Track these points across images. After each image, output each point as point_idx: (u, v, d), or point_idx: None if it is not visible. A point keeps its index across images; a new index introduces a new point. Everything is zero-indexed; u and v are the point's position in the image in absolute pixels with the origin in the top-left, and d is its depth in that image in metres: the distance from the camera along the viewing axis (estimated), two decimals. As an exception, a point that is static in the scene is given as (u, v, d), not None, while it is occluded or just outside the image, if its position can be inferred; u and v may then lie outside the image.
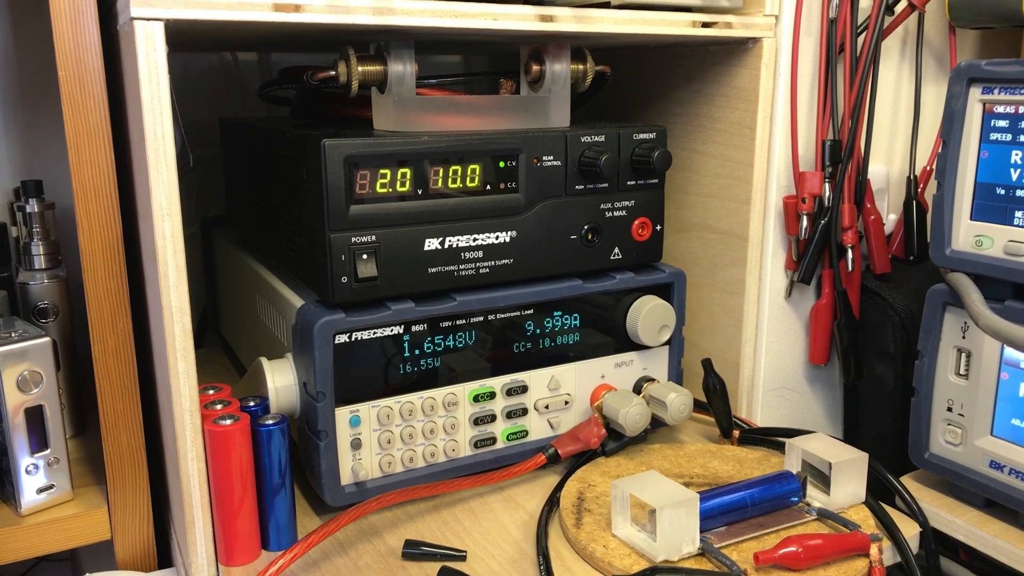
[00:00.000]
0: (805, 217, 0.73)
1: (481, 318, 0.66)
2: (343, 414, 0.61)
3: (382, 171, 0.60)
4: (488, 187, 0.64)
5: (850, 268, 0.74)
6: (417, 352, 0.63)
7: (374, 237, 0.60)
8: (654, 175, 0.70)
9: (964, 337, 0.63)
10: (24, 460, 0.61)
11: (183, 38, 0.67)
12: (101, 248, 0.60)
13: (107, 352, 0.61)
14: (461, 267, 0.64)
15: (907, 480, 0.69)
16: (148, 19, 0.49)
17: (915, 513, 0.63)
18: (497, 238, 0.65)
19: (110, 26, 0.61)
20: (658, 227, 0.72)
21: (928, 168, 0.79)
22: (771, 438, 0.72)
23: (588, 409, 0.72)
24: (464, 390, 0.66)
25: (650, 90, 0.85)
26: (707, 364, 0.72)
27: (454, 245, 0.63)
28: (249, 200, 0.80)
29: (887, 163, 0.80)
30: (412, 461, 0.65)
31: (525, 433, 0.69)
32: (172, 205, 0.52)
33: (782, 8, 0.71)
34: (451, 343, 0.65)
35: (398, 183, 0.61)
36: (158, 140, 0.51)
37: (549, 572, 0.56)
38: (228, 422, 0.56)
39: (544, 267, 0.67)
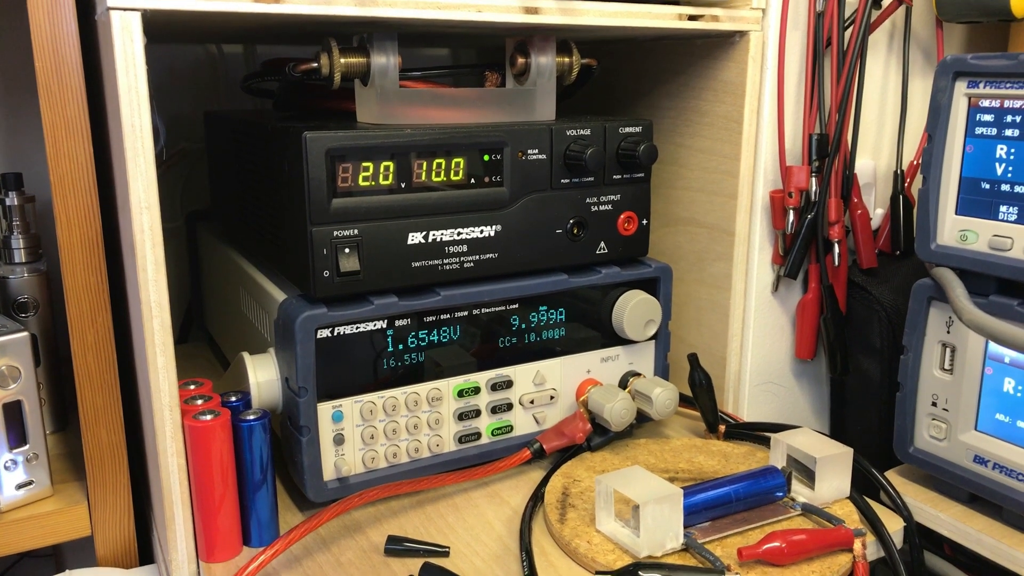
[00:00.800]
0: (792, 211, 0.73)
1: (465, 313, 0.65)
2: (325, 409, 0.61)
3: (365, 164, 0.60)
4: (472, 180, 0.64)
5: (836, 263, 0.74)
6: (400, 347, 0.63)
7: (356, 231, 0.60)
8: (640, 169, 0.70)
9: (949, 332, 0.63)
10: (2, 456, 0.61)
11: (166, 29, 0.66)
12: (80, 242, 0.59)
13: (87, 347, 0.61)
14: (445, 261, 0.64)
15: (892, 475, 0.69)
16: (125, 9, 0.49)
17: (899, 508, 0.63)
18: (482, 232, 0.65)
19: (89, 17, 0.60)
20: (644, 221, 0.71)
21: (915, 162, 0.79)
22: (757, 433, 0.72)
23: (573, 404, 0.71)
24: (448, 385, 0.66)
25: (637, 83, 0.85)
26: (693, 359, 0.72)
27: (438, 239, 0.63)
28: (233, 193, 0.79)
29: (874, 157, 0.80)
30: (396, 456, 0.64)
31: (510, 428, 0.69)
32: (151, 198, 0.51)
33: (769, 1, 0.70)
34: (435, 338, 0.64)
35: (381, 176, 0.60)
36: (136, 132, 0.50)
37: (532, 568, 0.56)
38: (208, 417, 0.56)
39: (529, 261, 0.67)
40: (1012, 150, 0.58)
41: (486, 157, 0.64)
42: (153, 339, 0.53)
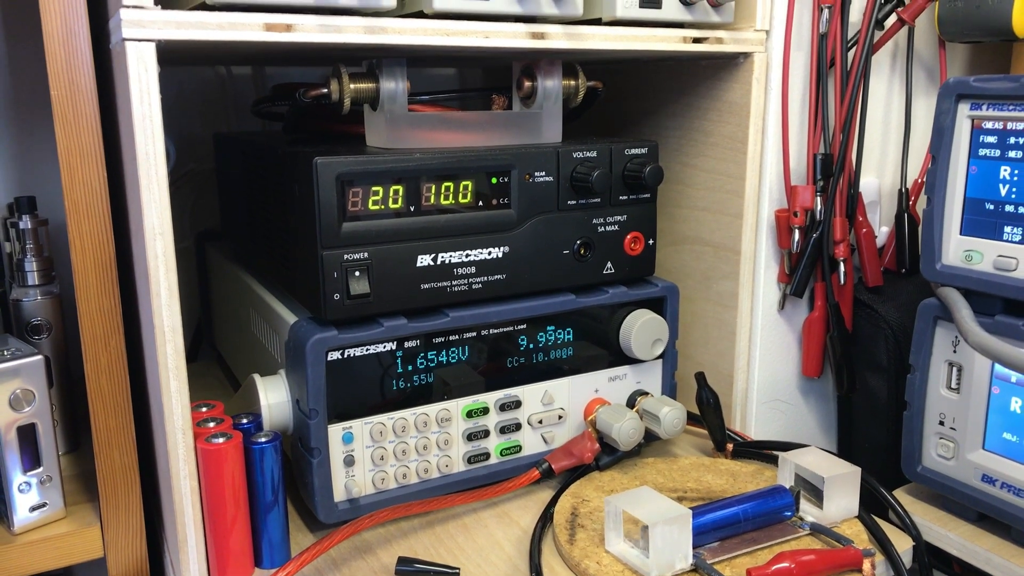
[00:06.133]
0: (797, 230, 0.73)
1: (474, 333, 0.66)
2: (336, 431, 0.61)
3: (374, 188, 0.60)
4: (480, 203, 0.64)
5: (842, 281, 0.74)
6: (410, 368, 0.64)
7: (366, 254, 0.60)
8: (646, 190, 0.70)
9: (955, 351, 0.63)
10: (16, 478, 0.61)
11: (176, 55, 0.67)
12: (94, 266, 0.60)
13: (100, 370, 0.61)
14: (454, 283, 0.64)
15: (900, 494, 0.69)
16: (139, 40, 0.50)
17: (908, 527, 0.63)
18: (490, 254, 0.65)
19: (103, 44, 0.61)
20: (651, 241, 0.72)
21: (920, 181, 0.79)
22: (765, 451, 0.72)
23: (582, 423, 0.72)
24: (457, 406, 0.66)
25: (642, 104, 0.86)
26: (700, 377, 0.72)
27: (447, 261, 0.64)
28: (243, 215, 0.80)
29: (879, 176, 0.80)
30: (405, 477, 0.65)
31: (519, 448, 0.69)
32: (164, 224, 0.52)
33: (773, 23, 0.71)
34: (444, 359, 0.65)
35: (390, 200, 0.61)
36: (149, 160, 0.51)
37: (542, 589, 0.56)
38: (221, 440, 0.56)
39: (537, 282, 0.68)
40: (1016, 171, 0.58)
41: (494, 180, 0.65)
42: (166, 363, 0.53)
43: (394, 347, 0.63)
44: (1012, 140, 0.58)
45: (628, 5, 0.64)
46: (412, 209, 0.62)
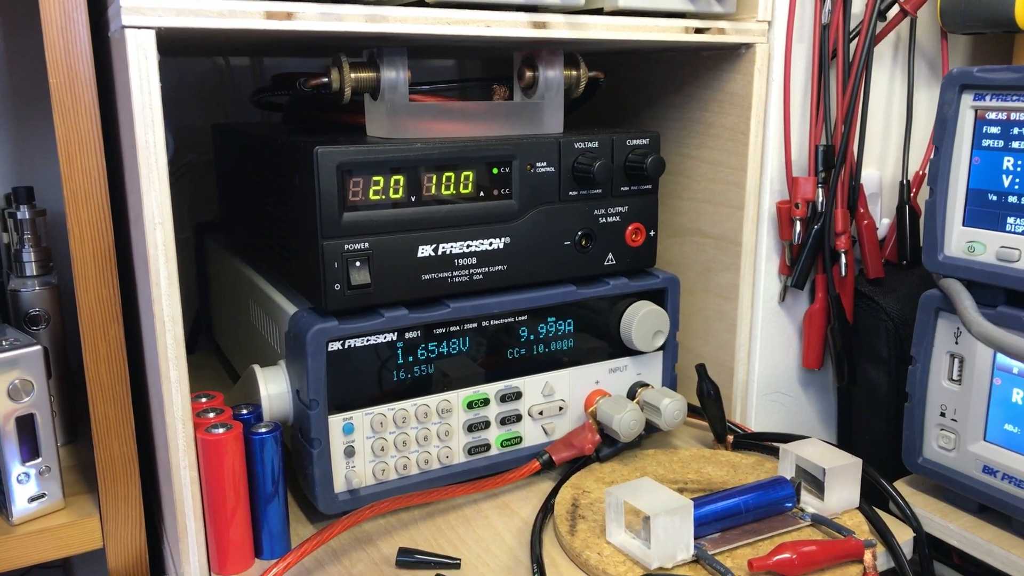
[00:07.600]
0: (798, 222, 0.73)
1: (475, 324, 0.65)
2: (336, 422, 0.61)
3: (375, 178, 0.60)
4: (481, 193, 0.64)
5: (843, 273, 0.74)
6: (411, 359, 0.63)
7: (367, 244, 0.60)
8: (647, 181, 0.70)
9: (957, 343, 0.63)
10: (15, 469, 0.61)
11: (175, 44, 0.67)
12: (93, 256, 0.60)
13: (99, 360, 0.61)
14: (455, 274, 0.64)
15: (901, 485, 0.69)
16: (139, 27, 0.49)
17: (909, 518, 0.63)
18: (491, 244, 0.65)
19: (102, 32, 0.61)
20: (652, 232, 0.72)
21: (921, 173, 0.79)
22: (765, 443, 0.72)
23: (582, 415, 0.72)
24: (458, 396, 0.66)
25: (644, 95, 0.85)
26: (701, 369, 0.72)
27: (448, 252, 0.63)
28: (242, 206, 0.79)
29: (880, 168, 0.80)
30: (406, 468, 0.64)
31: (519, 439, 0.69)
32: (164, 213, 0.52)
33: (775, 14, 0.71)
34: (445, 350, 0.65)
35: (391, 190, 0.61)
36: (149, 148, 0.51)
37: (543, 580, 0.56)
38: (220, 430, 0.56)
39: (538, 273, 0.67)
40: (1019, 162, 0.58)
41: (495, 170, 0.64)
42: (166, 353, 0.53)
43: (395, 338, 0.62)
44: (1015, 131, 0.58)
45: (630, -6, 0.64)
46: (413, 199, 0.62)
